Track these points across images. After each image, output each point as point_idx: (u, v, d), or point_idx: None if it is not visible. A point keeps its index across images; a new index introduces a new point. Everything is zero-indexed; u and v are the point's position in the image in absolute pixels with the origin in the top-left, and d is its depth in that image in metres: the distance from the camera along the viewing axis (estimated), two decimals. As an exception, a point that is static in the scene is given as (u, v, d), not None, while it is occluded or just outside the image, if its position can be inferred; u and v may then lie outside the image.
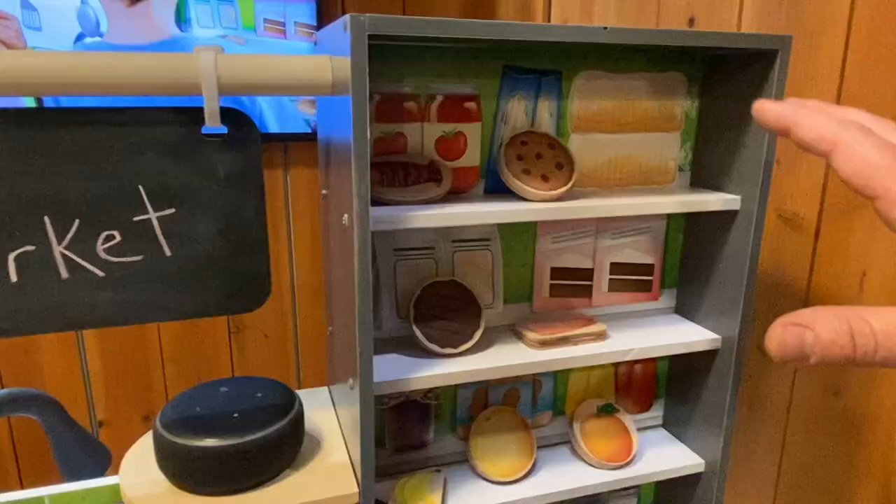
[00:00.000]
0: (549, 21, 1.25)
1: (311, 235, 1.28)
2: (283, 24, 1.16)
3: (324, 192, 0.70)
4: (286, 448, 0.60)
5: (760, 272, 0.85)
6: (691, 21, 0.94)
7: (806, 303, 0.81)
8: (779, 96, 0.65)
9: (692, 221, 0.78)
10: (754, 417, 0.88)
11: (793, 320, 0.22)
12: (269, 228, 1.23)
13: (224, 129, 0.55)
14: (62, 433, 0.80)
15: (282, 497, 0.58)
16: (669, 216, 0.78)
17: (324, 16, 1.15)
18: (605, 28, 0.56)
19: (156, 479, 0.59)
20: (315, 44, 0.68)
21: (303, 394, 0.77)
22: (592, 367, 0.81)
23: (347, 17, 0.48)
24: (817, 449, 0.82)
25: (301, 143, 1.24)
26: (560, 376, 0.80)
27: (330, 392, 0.78)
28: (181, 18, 1.09)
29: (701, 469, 0.78)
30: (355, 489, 0.59)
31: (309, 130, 1.22)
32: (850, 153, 0.22)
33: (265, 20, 1.14)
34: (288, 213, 1.26)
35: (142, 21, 1.08)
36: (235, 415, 0.59)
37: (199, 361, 1.29)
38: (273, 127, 1.19)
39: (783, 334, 0.22)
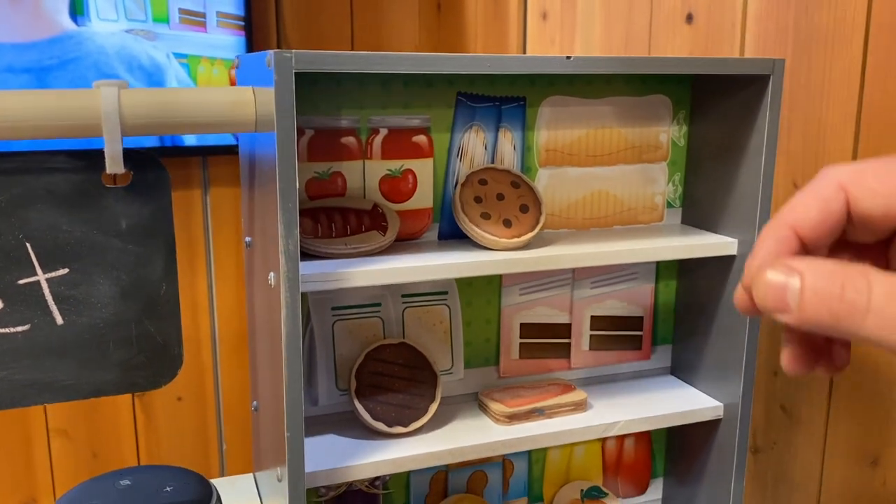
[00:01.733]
0: (525, 13, 1.34)
1: (237, 271, 1.33)
2: (204, 16, 1.23)
3: (247, 239, 0.76)
4: (201, 553, 0.65)
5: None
6: (689, 17, 1.04)
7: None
8: (773, 122, 0.74)
9: (686, 266, 0.86)
10: (781, 494, 0.95)
11: (782, 262, 0.25)
12: (184, 263, 1.28)
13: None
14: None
15: None
16: (659, 260, 0.86)
17: (252, 4, 1.23)
18: (569, 57, 0.64)
19: None
20: (237, 69, 0.75)
21: (223, 483, 0.82)
22: (575, 444, 0.87)
23: (272, 53, 0.55)
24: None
25: (224, 157, 1.29)
26: (536, 455, 0.86)
27: (255, 481, 0.82)
28: (77, 10, 1.15)
29: (706, 563, 0.85)
30: None
31: (234, 142, 1.28)
32: None
33: (181, 10, 1.21)
34: (208, 242, 1.30)
35: (26, 13, 1.14)
36: (139, 514, 0.64)
37: (94, 433, 1.30)
38: (189, 138, 1.25)
39: (766, 280, 0.24)
